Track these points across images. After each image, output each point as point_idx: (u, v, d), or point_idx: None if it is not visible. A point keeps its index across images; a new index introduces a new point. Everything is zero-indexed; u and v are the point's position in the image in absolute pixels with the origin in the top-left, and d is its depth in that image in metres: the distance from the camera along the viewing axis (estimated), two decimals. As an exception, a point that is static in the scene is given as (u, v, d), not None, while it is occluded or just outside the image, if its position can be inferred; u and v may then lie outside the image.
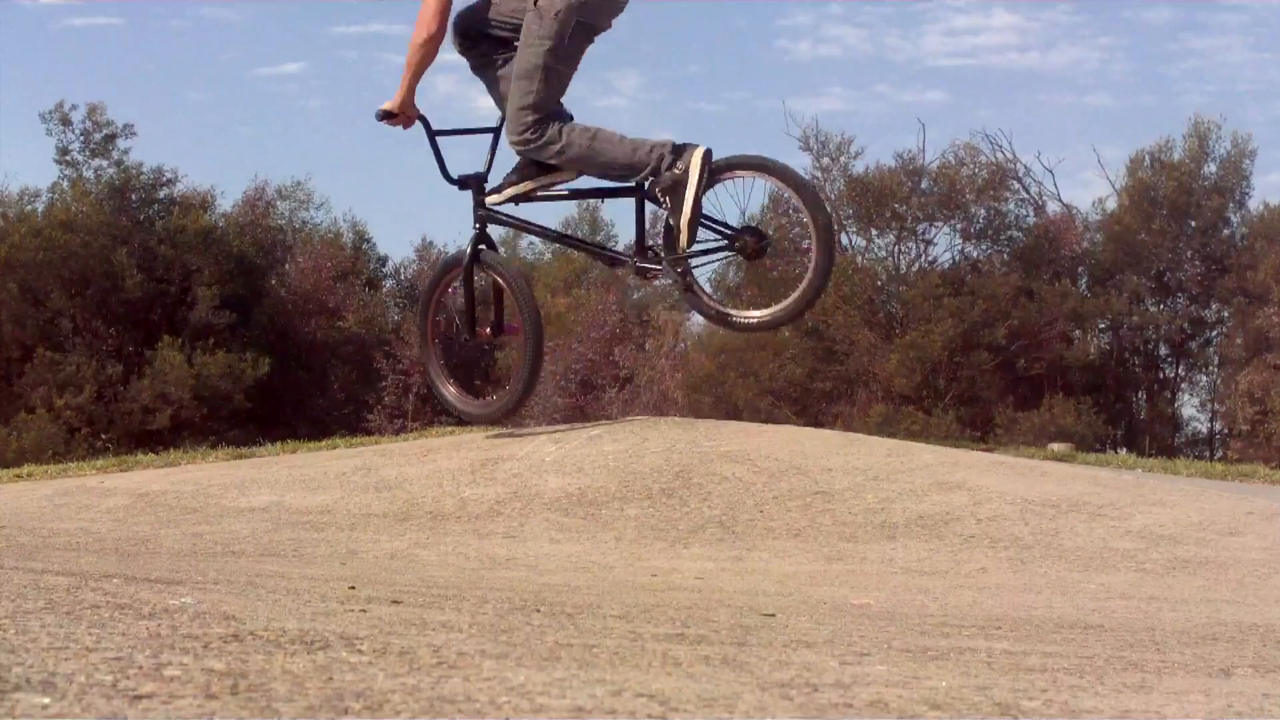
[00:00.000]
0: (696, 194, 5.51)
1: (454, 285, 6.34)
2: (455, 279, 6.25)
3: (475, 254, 6.05)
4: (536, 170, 5.83)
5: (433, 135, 6.01)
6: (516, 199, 5.92)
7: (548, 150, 5.75)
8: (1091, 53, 57.79)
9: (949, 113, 58.85)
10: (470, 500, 5.48)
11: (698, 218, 5.57)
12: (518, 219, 6.08)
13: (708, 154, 5.56)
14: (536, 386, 6.47)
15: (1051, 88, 58.25)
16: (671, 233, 5.66)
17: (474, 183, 6.04)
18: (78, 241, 30.43)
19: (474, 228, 6.07)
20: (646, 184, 5.67)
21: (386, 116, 5.89)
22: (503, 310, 6.16)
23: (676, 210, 5.56)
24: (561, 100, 5.81)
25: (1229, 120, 53.17)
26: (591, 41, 5.82)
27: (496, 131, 5.96)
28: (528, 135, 5.73)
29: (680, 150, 5.57)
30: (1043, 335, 32.72)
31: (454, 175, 6.02)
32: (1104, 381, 34.21)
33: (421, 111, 5.94)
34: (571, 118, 5.81)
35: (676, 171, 5.53)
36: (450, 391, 6.32)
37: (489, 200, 5.96)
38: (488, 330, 6.18)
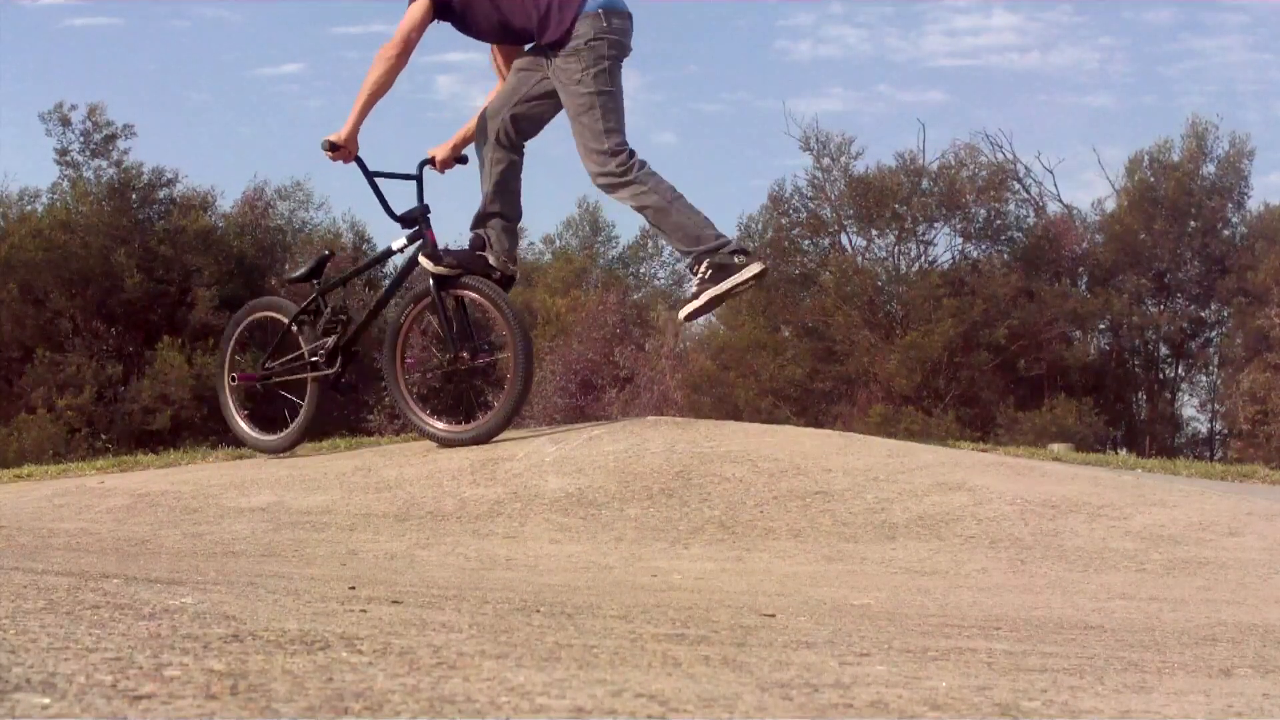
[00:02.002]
0: (729, 290, 5.77)
1: (423, 317, 6.35)
2: (424, 309, 6.27)
3: (443, 280, 6.08)
4: (716, 282, 5.80)
5: (371, 177, 6.10)
6: (697, 314, 5.93)
7: (629, 189, 5.79)
8: (1091, 53, 57.85)
9: (949, 113, 58.92)
10: (470, 500, 5.47)
11: (714, 307, 5.85)
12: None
13: (763, 273, 5.83)
14: (524, 405, 6.47)
15: (1051, 88, 58.30)
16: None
17: (419, 217, 6.15)
18: (78, 242, 30.42)
19: (425, 258, 6.11)
20: (694, 252, 5.76)
21: (332, 148, 5.93)
22: (479, 332, 6.19)
23: (707, 284, 5.75)
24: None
25: (1229, 120, 53.33)
26: (621, 64, 5.89)
27: (419, 178, 6.16)
28: (612, 167, 5.77)
29: (745, 251, 5.85)
30: (1043, 335, 32.70)
31: (397, 213, 6.15)
32: (1104, 382, 34.19)
33: (359, 154, 5.99)
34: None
35: (736, 261, 5.76)
36: (427, 420, 6.31)
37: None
38: (466, 354, 6.17)
